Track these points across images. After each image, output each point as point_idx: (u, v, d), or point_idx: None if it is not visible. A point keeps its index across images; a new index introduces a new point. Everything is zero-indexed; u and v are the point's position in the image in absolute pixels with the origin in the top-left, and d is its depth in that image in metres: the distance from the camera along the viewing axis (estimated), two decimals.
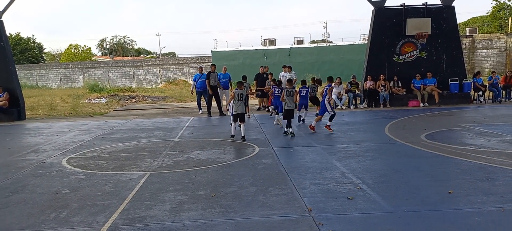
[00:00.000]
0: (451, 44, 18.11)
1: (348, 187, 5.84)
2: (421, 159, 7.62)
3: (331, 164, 7.31)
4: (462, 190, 5.60)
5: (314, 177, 6.40)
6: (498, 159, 7.33)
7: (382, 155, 8.10)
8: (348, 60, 35.58)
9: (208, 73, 15.96)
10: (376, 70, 17.72)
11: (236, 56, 38.54)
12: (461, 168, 6.82)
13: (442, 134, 10.21)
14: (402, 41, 17.96)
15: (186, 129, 12.35)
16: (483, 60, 34.23)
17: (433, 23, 17.66)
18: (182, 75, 47.13)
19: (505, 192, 5.46)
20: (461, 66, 18.27)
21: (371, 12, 18.43)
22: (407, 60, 18.05)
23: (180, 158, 8.15)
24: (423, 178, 6.32)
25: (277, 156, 8.10)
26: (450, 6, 18.05)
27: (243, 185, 6.07)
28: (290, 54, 38.41)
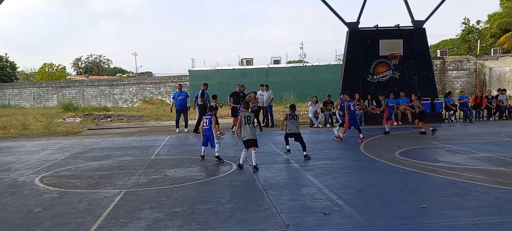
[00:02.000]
0: (423, 65, 18.66)
1: (324, 203, 5.89)
2: (396, 175, 7.76)
3: (308, 180, 7.37)
4: (436, 204, 5.72)
5: (291, 193, 6.44)
6: (470, 175, 7.53)
7: (358, 171, 8.21)
8: (324, 80, 36.08)
9: (202, 91, 16.06)
10: (351, 90, 18.01)
11: (214, 76, 38.58)
12: (434, 184, 6.98)
13: (416, 151, 10.43)
14: (375, 61, 18.40)
15: (163, 147, 12.24)
16: (454, 81, 35.31)
17: (405, 44, 18.19)
18: (159, 94, 46.79)
19: (477, 206, 5.61)
20: (433, 86, 18.80)
21: (346, 33, 18.86)
22: (381, 80, 18.47)
23: (156, 176, 8.07)
24: (398, 193, 6.43)
25: (255, 173, 8.10)
26: (421, 29, 18.65)
27: (220, 202, 6.05)
28: (267, 74, 38.71)
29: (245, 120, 8.66)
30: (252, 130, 8.63)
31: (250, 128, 8.59)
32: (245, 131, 8.60)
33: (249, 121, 8.64)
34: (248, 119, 8.66)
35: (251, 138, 8.55)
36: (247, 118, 8.68)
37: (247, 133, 8.58)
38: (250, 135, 8.56)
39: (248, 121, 8.64)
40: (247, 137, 8.58)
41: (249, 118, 8.68)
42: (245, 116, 8.72)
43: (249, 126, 8.59)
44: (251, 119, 8.72)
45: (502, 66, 33.95)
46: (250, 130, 8.58)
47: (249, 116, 8.72)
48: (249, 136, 8.56)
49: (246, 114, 8.75)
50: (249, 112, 8.95)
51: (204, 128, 9.45)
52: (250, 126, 8.60)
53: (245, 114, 8.75)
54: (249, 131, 8.58)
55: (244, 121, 8.66)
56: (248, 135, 8.57)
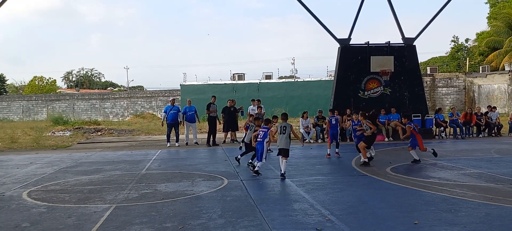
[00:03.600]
0: (413, 81, 18.84)
1: (317, 218, 5.86)
2: (387, 191, 7.77)
3: (300, 195, 7.34)
4: (427, 220, 5.72)
5: (283, 209, 6.40)
6: (460, 191, 7.56)
7: (350, 187, 8.20)
8: (315, 96, 36.29)
9: (208, 104, 16.76)
10: (343, 106, 18.12)
11: (205, 90, 38.57)
12: (425, 200, 6.98)
13: (407, 167, 10.47)
14: (367, 77, 18.54)
15: (154, 162, 12.15)
16: (444, 98, 35.69)
17: (396, 61, 18.38)
18: (150, 108, 46.61)
19: (468, 222, 5.61)
20: (423, 102, 18.97)
21: (337, 50, 19.02)
22: (372, 96, 18.59)
23: (146, 191, 7.98)
24: (390, 209, 6.42)
25: (246, 188, 8.06)
26: (411, 46, 18.87)
27: (212, 217, 5.99)
28: (259, 89, 38.85)
29: (280, 129, 9.23)
30: (286, 140, 9.16)
31: (285, 138, 9.13)
32: (280, 140, 9.18)
33: (284, 131, 9.17)
34: (284, 129, 9.19)
35: (284, 148, 9.09)
36: (283, 128, 9.20)
37: (281, 142, 9.15)
38: (283, 145, 9.12)
39: (283, 131, 9.18)
40: (280, 146, 9.16)
41: (285, 128, 9.19)
42: (281, 126, 9.26)
43: (284, 135, 9.14)
44: (287, 130, 9.20)
45: (491, 84, 34.43)
46: (284, 140, 9.12)
47: (285, 126, 9.22)
48: (282, 146, 9.12)
49: (283, 125, 9.28)
50: (286, 123, 9.39)
51: (258, 140, 9.57)
52: (285, 136, 9.14)
53: (282, 125, 9.29)
54: (283, 140, 9.12)
55: (279, 130, 9.25)
56: (281, 144, 9.14)
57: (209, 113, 16.64)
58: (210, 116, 16.64)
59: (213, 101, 16.84)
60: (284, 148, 9.11)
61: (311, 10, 18.68)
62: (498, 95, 33.42)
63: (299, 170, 10.16)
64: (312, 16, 18.71)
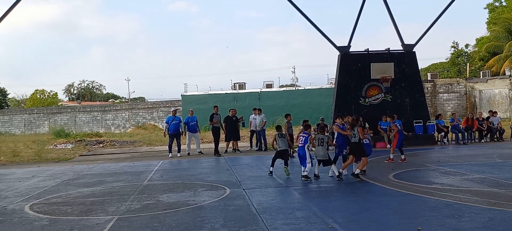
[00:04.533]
0: (414, 87, 18.84)
1: (320, 226, 5.83)
2: (390, 198, 7.74)
3: (303, 203, 7.32)
4: (431, 226, 5.69)
5: (286, 217, 6.38)
6: (464, 196, 7.53)
7: (352, 194, 8.18)
8: (316, 104, 36.28)
9: (211, 115, 16.91)
10: (344, 113, 18.09)
11: (206, 100, 38.61)
12: (428, 206, 6.95)
13: (410, 174, 10.43)
14: (367, 84, 18.56)
15: (156, 172, 12.13)
16: (445, 104, 35.68)
17: (396, 67, 18.41)
18: (151, 119, 46.64)
19: (472, 227, 5.59)
20: (425, 108, 18.96)
21: (337, 57, 19.07)
22: (373, 103, 18.59)
23: (149, 202, 7.97)
24: (393, 215, 6.40)
25: (249, 197, 8.04)
26: (411, 52, 18.92)
27: (214, 227, 5.97)
28: (260, 98, 38.85)
29: (319, 141, 9.70)
30: (324, 151, 9.68)
31: (322, 150, 9.65)
32: (317, 151, 9.72)
33: (322, 142, 9.67)
34: (321, 141, 9.68)
35: (323, 159, 9.69)
36: (321, 140, 9.70)
37: (319, 153, 9.69)
38: (321, 156, 9.68)
39: (321, 142, 9.67)
40: (320, 157, 9.71)
41: (322, 140, 9.71)
42: (319, 138, 9.75)
43: (321, 147, 9.66)
44: (324, 142, 9.71)
45: (492, 89, 34.41)
46: (322, 151, 9.66)
47: (322, 139, 9.72)
48: (321, 157, 9.69)
49: (321, 137, 9.75)
50: (324, 135, 9.89)
51: (299, 146, 9.94)
52: (322, 147, 9.66)
53: (320, 137, 9.76)
54: (321, 152, 9.66)
55: (318, 142, 9.71)
56: (320, 156, 9.70)
57: (213, 124, 16.67)
58: (213, 126, 16.68)
59: (216, 111, 16.88)
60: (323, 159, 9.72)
61: (310, 19, 18.79)
62: (499, 100, 33.38)
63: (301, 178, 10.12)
64: (312, 24, 18.80)
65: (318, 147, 9.71)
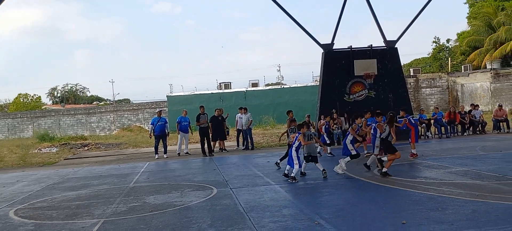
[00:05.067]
0: (397, 83, 19.08)
1: (306, 223, 5.89)
2: (376, 192, 7.85)
3: (289, 201, 7.37)
4: (415, 219, 5.79)
5: (273, 215, 6.42)
6: (447, 189, 7.67)
7: (338, 190, 8.26)
8: (302, 101, 36.37)
9: (198, 115, 16.64)
10: (329, 110, 18.25)
11: (192, 100, 38.39)
12: (413, 199, 7.07)
13: (394, 168, 10.52)
14: (351, 81, 18.72)
15: (142, 174, 12.07)
16: (428, 98, 36.18)
17: (379, 64, 18.60)
18: (137, 121, 46.25)
19: (455, 220, 5.70)
20: (408, 104, 19.18)
21: (321, 55, 19.18)
22: (357, 99, 18.76)
23: (135, 204, 7.93)
24: (378, 210, 6.49)
25: (236, 196, 8.07)
26: (393, 48, 19.14)
27: (202, 227, 5.98)
28: (246, 97, 38.84)
29: (307, 137, 9.64)
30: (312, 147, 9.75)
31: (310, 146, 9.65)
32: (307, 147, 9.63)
33: (311, 138, 9.71)
34: (310, 137, 9.70)
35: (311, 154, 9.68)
36: (309, 135, 9.72)
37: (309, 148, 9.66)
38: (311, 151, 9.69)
39: (310, 138, 9.69)
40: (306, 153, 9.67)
41: (311, 136, 9.75)
42: (308, 134, 9.74)
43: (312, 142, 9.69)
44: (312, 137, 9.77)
45: (473, 82, 35.00)
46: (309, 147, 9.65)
47: (310, 135, 9.76)
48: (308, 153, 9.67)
49: (308, 133, 9.72)
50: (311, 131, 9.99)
51: None
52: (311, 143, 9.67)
53: (307, 133, 9.70)
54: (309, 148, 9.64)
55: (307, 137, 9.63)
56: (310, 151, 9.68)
57: (200, 125, 16.56)
58: (200, 127, 16.58)
59: (202, 111, 16.77)
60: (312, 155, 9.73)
61: (294, 18, 18.86)
62: (481, 93, 33.98)
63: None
64: (295, 23, 18.88)
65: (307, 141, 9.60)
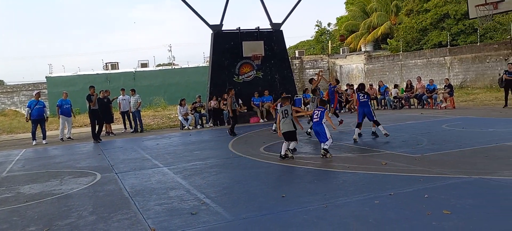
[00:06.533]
0: (282, 64, 20.03)
1: (192, 203, 5.99)
2: (260, 169, 8.25)
3: (177, 182, 7.40)
4: (293, 192, 6.24)
5: (159, 198, 6.40)
6: (323, 163, 8.36)
7: (226, 169, 8.50)
8: (194, 82, 36.22)
9: (88, 96, 14.87)
10: (219, 90, 18.52)
11: (76, 82, 35.85)
12: (293, 174, 7.60)
13: (279, 146, 11.04)
14: (240, 62, 19.17)
15: (17, 163, 11.08)
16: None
17: (265, 45, 19.31)
18: (12, 104, 41.82)
19: (328, 190, 6.26)
20: (292, 84, 20.29)
21: (210, 35, 19.27)
22: (246, 80, 19.31)
23: (8, 195, 7.29)
24: (261, 186, 6.85)
25: (121, 180, 7.85)
26: (279, 31, 19.99)
27: (82, 215, 5.74)
28: (135, 78, 37.43)
29: (283, 113, 9.08)
30: (290, 123, 9.03)
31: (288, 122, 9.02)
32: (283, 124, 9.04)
33: (286, 115, 9.04)
34: (286, 113, 9.06)
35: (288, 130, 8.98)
36: (285, 111, 9.07)
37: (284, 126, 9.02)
38: (287, 128, 9.00)
39: (286, 114, 9.04)
40: (285, 129, 9.01)
41: (286, 112, 9.06)
42: (283, 110, 9.12)
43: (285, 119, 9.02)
44: (288, 113, 9.06)
45: (350, 64, 38.12)
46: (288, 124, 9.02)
47: (286, 110, 9.09)
48: (286, 129, 8.99)
49: (284, 108, 9.13)
50: (287, 106, 9.20)
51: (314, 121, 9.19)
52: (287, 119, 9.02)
53: (284, 109, 9.13)
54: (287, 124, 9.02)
55: (282, 114, 9.08)
56: (286, 128, 9.00)
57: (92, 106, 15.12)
58: (92, 109, 15.24)
59: (92, 92, 15.39)
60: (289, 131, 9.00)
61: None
62: (356, 74, 37.21)
63: (177, 157, 10.20)
64: (183, 2, 18.63)
65: (282, 119, 9.07)
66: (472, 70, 27.63)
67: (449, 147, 9.07)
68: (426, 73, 29.77)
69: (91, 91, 14.97)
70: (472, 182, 6.13)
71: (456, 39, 31.27)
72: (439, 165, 7.35)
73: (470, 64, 27.87)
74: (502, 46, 26.08)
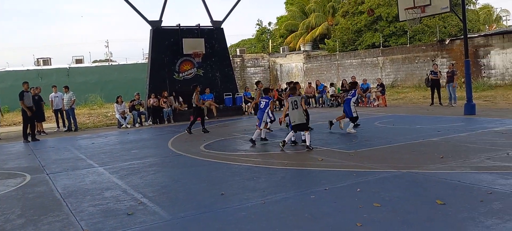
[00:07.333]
0: (223, 62, 20.04)
1: (129, 203, 5.86)
2: (200, 167, 8.22)
3: (113, 182, 7.19)
4: (232, 190, 6.29)
5: (93, 199, 6.19)
6: (262, 160, 8.50)
7: (165, 168, 8.39)
8: (132, 79, 35.17)
9: (21, 93, 13.97)
10: (158, 88, 18.18)
11: (4, 78, 33.54)
12: (233, 171, 7.64)
13: (219, 143, 11.19)
14: (180, 59, 18.94)
15: None
16: (252, 77, 38.87)
17: (206, 43, 19.22)
18: None
19: (266, 187, 6.37)
20: (233, 82, 20.37)
21: (149, 32, 18.86)
22: (187, 78, 19.11)
23: None
24: (200, 184, 6.83)
25: (53, 182, 7.49)
26: (220, 28, 19.98)
27: (9, 218, 5.42)
28: (69, 74, 35.70)
29: (292, 104, 9.10)
30: (300, 114, 9.10)
31: (297, 113, 9.10)
32: (293, 116, 9.16)
33: (296, 106, 9.06)
34: (295, 104, 9.08)
35: (300, 122, 9.10)
36: (294, 102, 9.08)
37: (295, 117, 9.13)
38: (298, 120, 9.11)
39: (295, 105, 9.06)
40: (296, 121, 9.11)
41: (296, 103, 9.08)
42: (292, 100, 9.11)
43: (297, 110, 9.09)
44: (297, 104, 9.09)
45: (290, 63, 38.93)
46: (298, 115, 9.11)
47: (296, 101, 9.09)
48: (298, 121, 9.11)
49: (294, 99, 9.11)
50: (296, 97, 9.20)
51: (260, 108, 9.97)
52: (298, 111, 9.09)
53: (293, 99, 9.12)
54: (297, 115, 9.12)
55: (292, 105, 9.12)
56: (297, 120, 9.11)
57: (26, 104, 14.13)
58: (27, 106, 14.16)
59: (26, 88, 14.39)
60: (301, 123, 9.11)
61: None
62: (296, 72, 38.06)
63: (113, 157, 9.89)
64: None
65: (293, 110, 9.15)
66: (402, 70, 29.24)
67: (380, 143, 9.56)
68: (360, 72, 31.10)
69: (25, 88, 14.16)
70: (400, 175, 6.52)
71: (388, 40, 32.95)
72: (371, 160, 7.74)
73: (401, 64, 29.49)
74: (429, 48, 27.86)
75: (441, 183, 5.97)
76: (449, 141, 9.16)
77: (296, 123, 9.19)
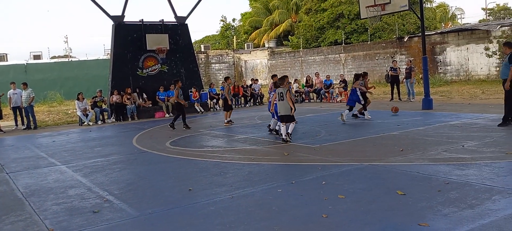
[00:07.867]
0: (188, 58, 19.90)
1: (94, 201, 5.78)
2: (166, 164, 8.19)
3: (77, 180, 7.06)
4: (200, 185, 6.32)
5: (56, 197, 6.06)
6: (229, 155, 8.55)
7: (130, 165, 8.29)
8: (94, 76, 34.29)
9: None
10: (122, 84, 17.85)
11: None
12: (200, 167, 7.66)
13: (185, 140, 11.15)
14: (144, 55, 18.66)
15: None
16: (217, 73, 38.79)
17: (170, 39, 19.01)
18: None
19: (234, 182, 6.44)
20: (198, 78, 20.27)
21: (111, 27, 18.47)
22: (151, 74, 18.86)
23: None
24: (167, 180, 6.82)
25: (14, 181, 7.27)
26: (184, 24, 19.81)
27: None
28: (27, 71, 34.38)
29: (279, 95, 9.31)
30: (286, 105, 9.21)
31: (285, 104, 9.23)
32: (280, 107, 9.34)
33: (282, 97, 9.23)
34: (281, 95, 9.26)
35: (285, 114, 9.26)
36: (281, 94, 9.26)
37: (281, 108, 9.31)
38: (284, 111, 9.27)
39: (281, 97, 9.25)
40: (282, 112, 9.30)
41: (282, 95, 9.24)
42: (279, 92, 9.30)
43: (282, 102, 9.25)
44: (283, 96, 9.22)
45: (254, 59, 39.07)
46: (284, 106, 9.25)
47: (281, 92, 9.25)
48: (283, 112, 9.28)
49: (280, 91, 9.28)
50: (282, 89, 9.31)
51: None
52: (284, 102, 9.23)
53: (280, 91, 9.29)
54: (283, 107, 9.26)
55: (278, 97, 9.34)
56: (282, 111, 9.29)
57: None
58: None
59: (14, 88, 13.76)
60: (286, 114, 9.26)
61: None
62: (260, 69, 38.25)
63: (76, 155, 9.68)
64: None
65: (279, 102, 9.36)
66: (364, 66, 29.97)
67: (343, 137, 9.83)
68: (323, 69, 31.66)
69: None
70: (363, 168, 6.75)
71: (350, 37, 33.68)
72: (335, 154, 7.96)
73: (362, 61, 30.24)
74: (389, 45, 28.71)
75: (401, 175, 6.24)
76: (408, 134, 9.54)
77: (281, 114, 9.42)
